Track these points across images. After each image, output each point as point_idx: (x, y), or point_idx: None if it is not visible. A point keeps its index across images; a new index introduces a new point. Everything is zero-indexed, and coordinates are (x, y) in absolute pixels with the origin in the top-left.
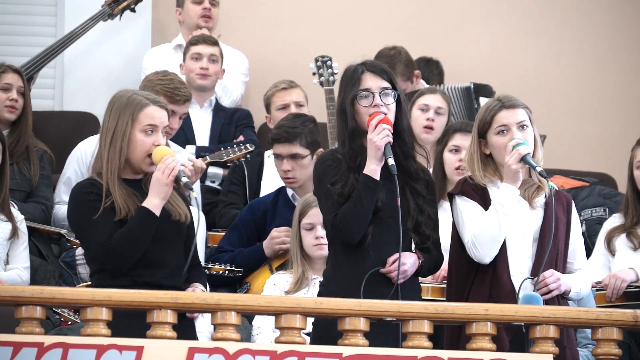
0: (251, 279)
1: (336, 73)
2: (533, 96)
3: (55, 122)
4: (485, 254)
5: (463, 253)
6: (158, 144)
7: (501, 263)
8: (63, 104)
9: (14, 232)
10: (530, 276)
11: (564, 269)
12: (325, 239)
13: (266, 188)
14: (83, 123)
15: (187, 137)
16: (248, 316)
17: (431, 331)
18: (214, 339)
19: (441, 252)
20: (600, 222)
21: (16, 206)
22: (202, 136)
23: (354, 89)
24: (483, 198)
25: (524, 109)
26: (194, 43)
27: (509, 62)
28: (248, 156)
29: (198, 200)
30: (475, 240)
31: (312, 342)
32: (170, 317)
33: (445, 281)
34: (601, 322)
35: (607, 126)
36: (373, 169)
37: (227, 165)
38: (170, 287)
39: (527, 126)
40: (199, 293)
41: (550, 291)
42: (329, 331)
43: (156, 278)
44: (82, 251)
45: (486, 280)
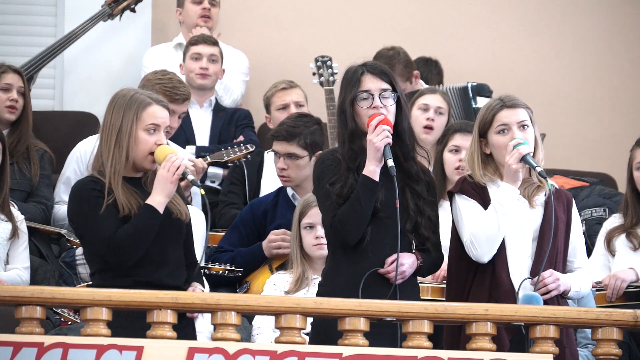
0: (251, 279)
1: (336, 73)
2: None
3: (55, 122)
4: (483, 253)
5: (463, 253)
6: (160, 143)
7: (500, 262)
8: (63, 104)
9: (14, 232)
10: (529, 276)
11: (564, 268)
12: (325, 239)
13: (266, 188)
14: (83, 123)
15: (187, 137)
16: (248, 316)
17: (431, 331)
18: (214, 339)
19: (441, 253)
20: (600, 222)
21: (16, 206)
22: (202, 136)
23: (354, 90)
24: (482, 197)
25: (525, 109)
26: (194, 43)
27: (509, 62)
28: (249, 156)
29: (205, 197)
30: (473, 239)
31: (311, 342)
32: (170, 317)
33: (445, 281)
34: (601, 322)
35: (607, 126)
36: (372, 170)
37: (227, 165)
38: (171, 286)
39: (528, 126)
40: (199, 293)
41: (549, 291)
42: (328, 331)
43: (158, 277)
44: (82, 251)
45: (486, 280)
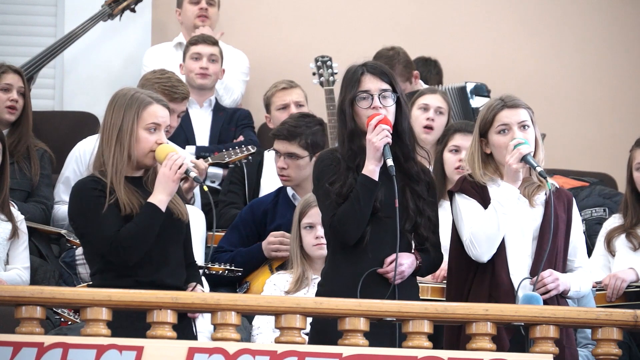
0: (251, 279)
1: (336, 73)
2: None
3: (55, 122)
4: (483, 253)
5: (463, 253)
6: (161, 142)
7: (500, 262)
8: (63, 104)
9: (14, 232)
10: (529, 275)
11: (564, 267)
12: (325, 239)
13: (265, 187)
14: (83, 123)
15: (187, 137)
16: (248, 316)
17: (431, 331)
18: (214, 339)
19: (440, 253)
20: (600, 222)
21: (16, 206)
22: (202, 136)
23: (354, 90)
24: (482, 196)
25: (526, 109)
26: (194, 43)
27: (509, 62)
28: (250, 158)
29: (209, 194)
30: (473, 238)
31: (310, 342)
32: (170, 317)
33: (445, 281)
34: (601, 322)
35: (607, 126)
36: (371, 170)
37: (228, 166)
38: (172, 286)
39: (529, 126)
40: (199, 293)
41: (548, 291)
42: (327, 331)
43: (159, 277)
44: (82, 251)
45: (486, 279)
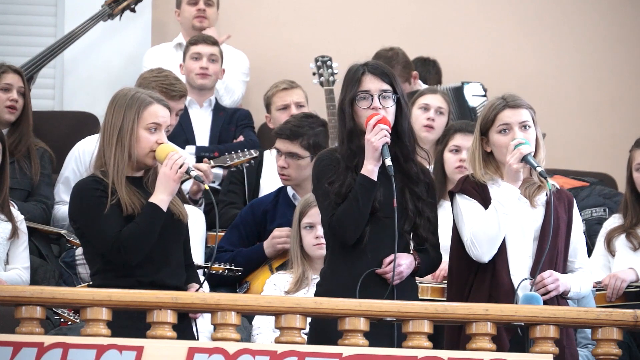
0: (251, 279)
1: (336, 73)
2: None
3: (55, 122)
4: (483, 253)
5: (463, 253)
6: (161, 142)
7: (501, 262)
8: (63, 104)
9: (14, 232)
10: (529, 276)
11: (564, 268)
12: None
13: (265, 187)
14: (83, 123)
15: (187, 137)
16: (248, 316)
17: (431, 331)
18: (214, 339)
19: (439, 253)
20: (600, 222)
21: (16, 206)
22: (202, 136)
23: (354, 90)
24: (483, 196)
25: (528, 109)
26: (194, 43)
27: (508, 62)
28: (252, 162)
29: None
30: (474, 238)
31: (309, 342)
32: (170, 317)
33: (445, 281)
34: (601, 322)
35: (607, 126)
36: (370, 170)
37: (231, 169)
38: (173, 286)
39: (530, 126)
40: (199, 293)
41: (548, 292)
42: (326, 331)
43: (160, 277)
44: (82, 251)
45: (486, 279)
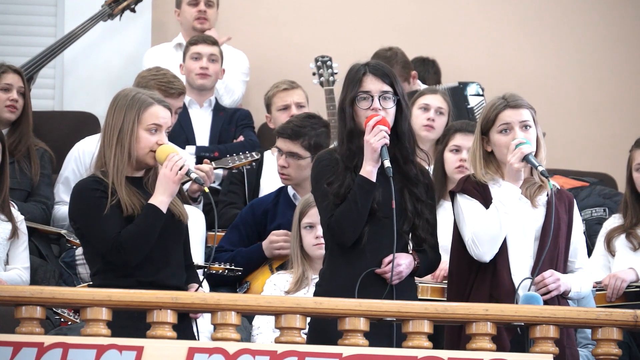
0: (251, 279)
1: (336, 73)
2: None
3: (55, 122)
4: (485, 252)
5: (464, 252)
6: (162, 143)
7: (502, 262)
8: (63, 104)
9: (14, 232)
10: (530, 276)
11: (565, 268)
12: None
13: (265, 187)
14: (83, 123)
15: (187, 137)
16: (248, 316)
17: (431, 331)
18: (214, 339)
19: (438, 254)
20: (600, 222)
21: (16, 206)
22: (202, 136)
23: (354, 90)
24: (484, 196)
25: (529, 109)
26: (194, 43)
27: (508, 62)
28: (253, 164)
29: (210, 195)
30: (475, 238)
31: (309, 342)
32: (170, 317)
33: (445, 281)
34: (601, 322)
35: (607, 126)
36: (369, 171)
37: (232, 171)
38: (173, 286)
39: (530, 126)
40: (199, 293)
41: (549, 291)
42: (326, 331)
43: (160, 277)
44: (82, 251)
45: (487, 279)
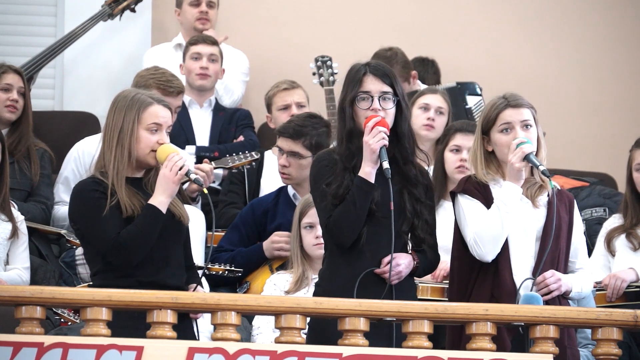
0: (251, 279)
1: (336, 73)
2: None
3: (55, 122)
4: (487, 252)
5: (465, 252)
6: (162, 143)
7: (503, 262)
8: (63, 104)
9: (14, 232)
10: (531, 276)
11: (566, 268)
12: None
13: (266, 187)
14: (83, 123)
15: (187, 137)
16: (248, 316)
17: (431, 331)
18: (214, 339)
19: (437, 254)
20: (600, 222)
21: (16, 206)
22: (202, 136)
23: (354, 90)
24: (485, 196)
25: (529, 109)
26: (194, 43)
27: (508, 62)
28: (253, 164)
29: (208, 196)
30: (477, 238)
31: (308, 342)
32: (170, 317)
33: (445, 281)
34: (601, 322)
35: (607, 126)
36: (368, 172)
37: (232, 171)
38: (174, 287)
39: (531, 126)
40: (199, 293)
41: (550, 291)
42: (325, 331)
43: (161, 277)
44: (82, 251)
45: (488, 279)
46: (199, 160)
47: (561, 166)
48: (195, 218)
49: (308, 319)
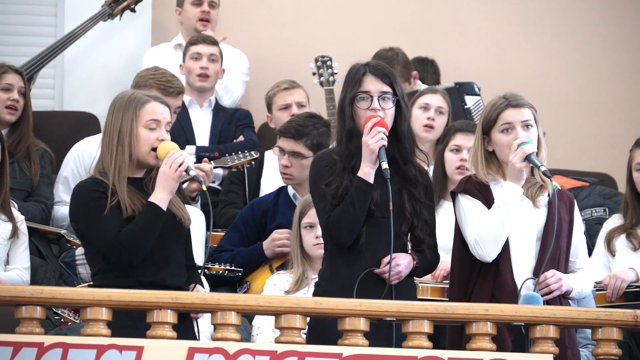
0: (251, 279)
1: (336, 73)
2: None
3: (55, 122)
4: (488, 252)
5: (466, 252)
6: (162, 139)
7: (504, 262)
8: (63, 104)
9: (14, 232)
10: (532, 276)
11: (567, 268)
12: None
13: (266, 187)
14: (83, 123)
15: (187, 137)
16: (248, 316)
17: (431, 331)
18: (214, 339)
19: (437, 254)
20: (600, 222)
21: (17, 206)
22: (202, 136)
23: (354, 90)
24: (486, 196)
25: (530, 109)
26: (194, 43)
27: (508, 62)
28: (253, 163)
29: (207, 194)
30: (478, 238)
31: (308, 342)
32: (170, 317)
33: (445, 281)
34: (601, 322)
35: (607, 126)
36: (367, 172)
37: (232, 170)
38: (174, 287)
39: (532, 126)
40: (199, 293)
41: (551, 291)
42: (325, 331)
43: (161, 277)
44: (82, 251)
45: (489, 279)
46: (199, 160)
47: (561, 166)
48: (195, 218)
49: (308, 319)
